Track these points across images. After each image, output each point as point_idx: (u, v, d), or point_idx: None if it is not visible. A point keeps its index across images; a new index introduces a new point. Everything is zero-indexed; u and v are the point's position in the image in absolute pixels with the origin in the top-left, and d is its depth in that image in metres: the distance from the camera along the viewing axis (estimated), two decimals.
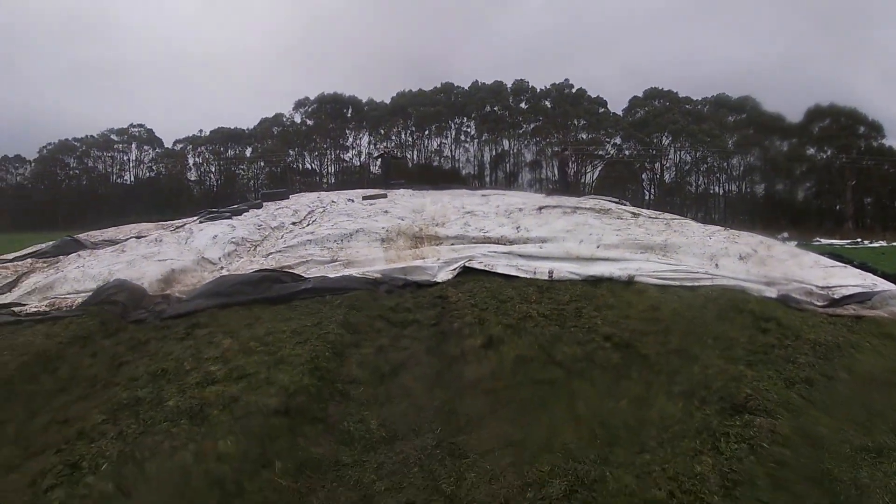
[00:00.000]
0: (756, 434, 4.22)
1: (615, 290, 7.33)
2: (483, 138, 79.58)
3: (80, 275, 9.27)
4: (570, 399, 4.87)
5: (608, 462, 4.06)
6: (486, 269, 8.53)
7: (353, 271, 8.63)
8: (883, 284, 8.12)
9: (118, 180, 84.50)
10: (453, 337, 6.01)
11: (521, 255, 8.86)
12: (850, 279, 8.20)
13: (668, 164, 75.19)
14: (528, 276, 8.11)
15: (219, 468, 3.96)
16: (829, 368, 5.32)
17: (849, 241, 43.66)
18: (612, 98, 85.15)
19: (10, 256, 13.21)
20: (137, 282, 8.38)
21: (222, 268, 9.72)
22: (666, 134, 73.55)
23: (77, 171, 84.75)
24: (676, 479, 3.85)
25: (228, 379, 5.00)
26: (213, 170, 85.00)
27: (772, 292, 7.60)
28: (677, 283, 7.73)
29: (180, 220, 16.73)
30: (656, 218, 12.45)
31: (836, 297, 7.58)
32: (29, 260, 12.42)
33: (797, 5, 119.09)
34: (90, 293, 8.27)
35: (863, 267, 9.75)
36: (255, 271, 8.47)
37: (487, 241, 10.00)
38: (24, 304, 8.46)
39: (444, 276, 8.43)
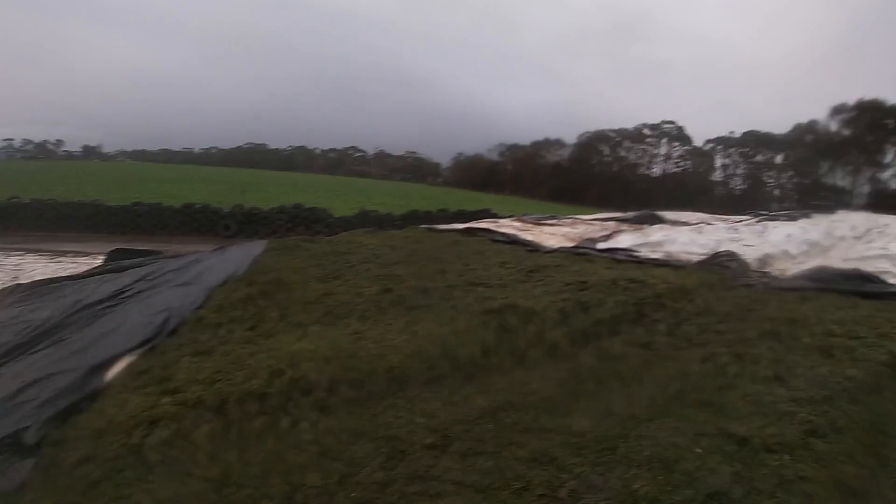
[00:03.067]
0: None
1: None
2: None
3: (687, 240, 12.47)
4: None
5: None
6: None
7: None
8: None
9: (645, 171, 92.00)
10: None
11: None
12: None
13: None
14: None
15: (847, 384, 6.13)
16: None
17: None
18: None
19: (588, 217, 17.69)
20: (741, 257, 11.10)
21: (801, 262, 11.78)
22: None
23: (609, 159, 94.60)
24: None
25: (846, 335, 7.02)
26: (740, 172, 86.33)
27: None
28: None
29: (735, 217, 19.21)
30: None
31: None
32: (612, 222, 16.40)
33: None
34: (702, 255, 11.26)
35: None
36: (851, 269, 10.40)
37: None
38: (638, 252, 11.95)
39: None
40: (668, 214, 19.25)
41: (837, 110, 74.75)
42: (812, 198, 50.37)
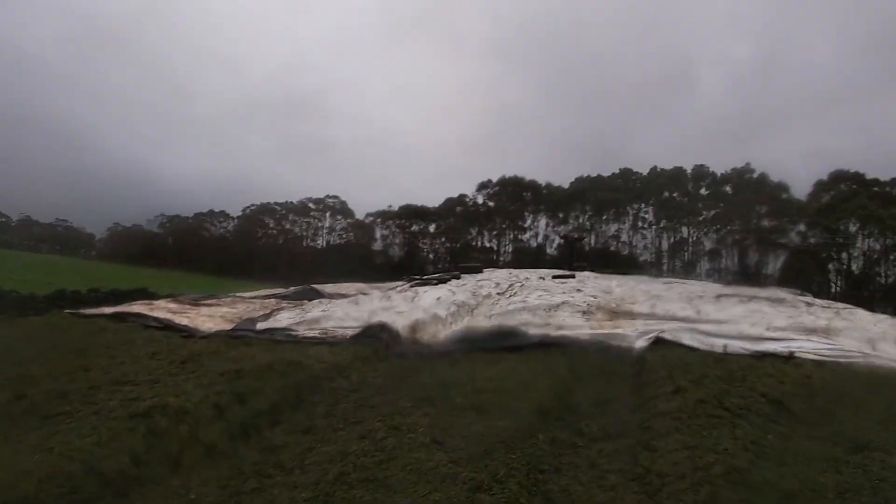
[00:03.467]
0: (869, 463, 6.13)
1: (776, 363, 9.20)
2: (661, 225, 79.91)
3: (342, 315, 12.85)
4: (733, 430, 6.91)
5: (756, 465, 6.17)
6: (674, 340, 10.68)
7: (565, 334, 11.16)
8: None
9: (310, 244, 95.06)
10: (650, 385, 8.44)
11: (701, 332, 10.93)
12: None
13: (855, 254, 69.85)
14: (706, 349, 10.17)
15: (502, 434, 6.62)
16: None
17: None
18: (796, 182, 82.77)
19: (249, 295, 17.64)
20: (392, 326, 11.55)
21: (451, 324, 12.68)
22: (853, 220, 68.84)
23: (274, 232, 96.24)
24: (805, 483, 5.88)
25: (495, 391, 7.86)
26: (398, 242, 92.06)
27: None
28: (832, 359, 9.47)
29: (390, 283, 20.27)
30: (828, 307, 13.89)
31: None
32: (272, 300, 16.46)
33: None
34: (356, 329, 11.63)
35: None
36: (494, 326, 11.38)
37: (674, 318, 12.11)
38: (296, 331, 12.14)
39: (640, 343, 10.72)
40: (328, 288, 19.68)
41: (483, 185, 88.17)
42: (462, 260, 55.44)
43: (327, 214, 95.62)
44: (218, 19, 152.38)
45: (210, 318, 13.50)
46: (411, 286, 17.25)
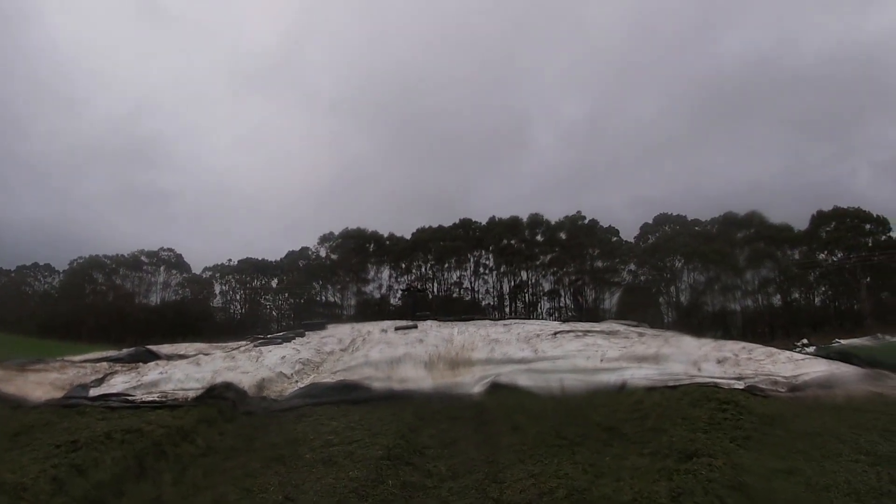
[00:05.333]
0: (698, 468, 6.52)
1: (610, 393, 9.73)
2: (501, 270, 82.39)
3: (183, 376, 12.25)
4: (572, 455, 7.23)
5: (595, 484, 6.42)
6: (510, 383, 10.98)
7: (408, 386, 11.19)
8: (843, 369, 10.54)
9: (143, 300, 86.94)
10: (490, 424, 8.64)
11: (537, 371, 11.36)
12: (817, 368, 10.65)
13: (682, 286, 76.56)
14: (543, 386, 10.53)
15: (353, 484, 6.50)
16: (766, 429, 7.68)
17: (869, 337, 44.43)
18: (624, 226, 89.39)
19: (79, 358, 16.40)
20: (238, 386, 11.13)
21: (297, 381, 12.42)
22: (678, 257, 75.57)
23: (104, 288, 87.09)
24: (640, 493, 6.16)
25: (343, 442, 7.80)
26: (239, 298, 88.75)
27: (740, 385, 9.96)
28: (662, 384, 10.12)
29: (233, 343, 19.59)
30: (658, 335, 14.84)
31: (797, 383, 9.94)
32: (104, 363, 15.38)
33: (788, 119, 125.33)
34: (198, 390, 11.10)
35: (857, 360, 12.13)
36: (338, 381, 11.27)
37: (511, 361, 12.51)
38: (133, 396, 11.36)
39: (478, 388, 10.98)
40: (165, 348, 18.74)
41: (325, 238, 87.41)
42: (306, 316, 54.67)
43: (161, 269, 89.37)
44: (62, 57, 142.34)
45: (39, 385, 12.47)
46: (255, 345, 16.75)
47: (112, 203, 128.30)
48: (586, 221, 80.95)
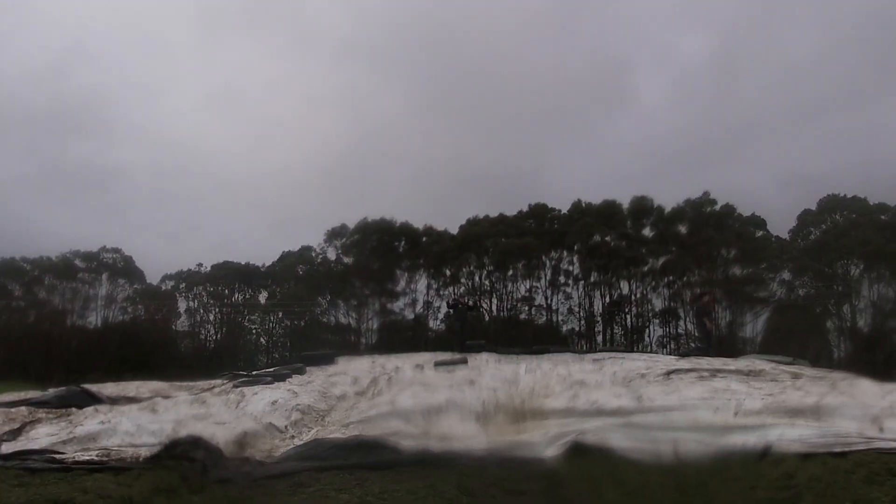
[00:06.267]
0: None
1: (747, 461, 9.64)
2: (591, 279, 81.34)
3: (132, 428, 12.45)
4: None
5: None
6: (600, 443, 10.98)
7: (451, 446, 11.25)
8: None
9: (78, 321, 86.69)
10: (569, 502, 8.56)
11: (640, 427, 11.31)
12: None
13: (861, 304, 72.91)
14: (648, 449, 10.50)
15: None
16: None
17: None
18: (775, 214, 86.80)
19: None
20: (210, 442, 11.31)
21: (293, 436, 12.59)
22: (855, 260, 72.74)
23: (22, 304, 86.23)
24: None
25: None
26: (213, 318, 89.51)
27: None
28: (825, 449, 10.00)
29: (204, 382, 19.87)
30: (821, 378, 14.62)
31: None
32: (24, 408, 15.73)
33: None
34: (154, 447, 11.31)
35: None
36: (351, 438, 11.37)
37: (602, 413, 12.50)
38: (62, 453, 11.60)
39: (553, 451, 10.97)
40: (108, 388, 19.06)
41: (335, 234, 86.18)
42: (307, 345, 54.97)
43: (103, 277, 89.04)
44: None
45: None
46: (235, 386, 17.03)
47: (32, 186, 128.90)
48: (717, 208, 79.17)
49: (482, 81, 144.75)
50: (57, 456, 11.44)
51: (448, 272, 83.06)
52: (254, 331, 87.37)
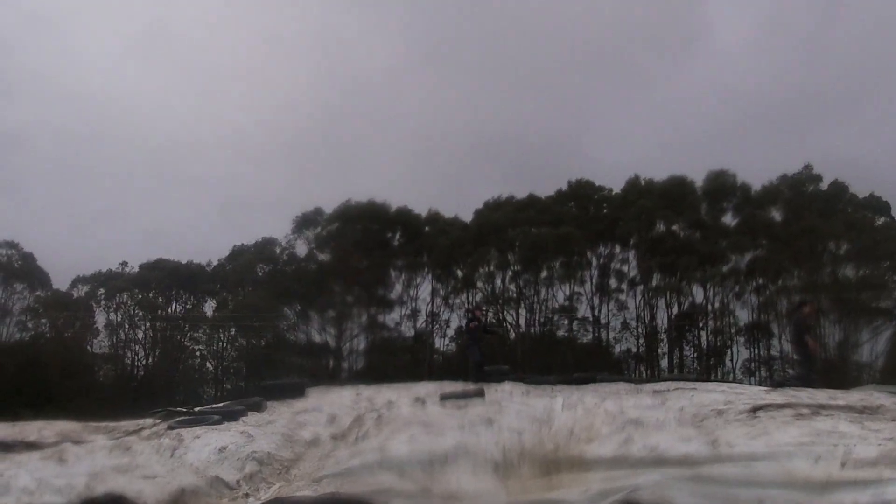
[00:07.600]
0: None
1: None
2: (652, 283, 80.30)
3: (32, 483, 12.61)
4: None
5: None
6: (659, 503, 11.03)
7: None
8: None
9: None
10: None
11: (714, 482, 11.37)
12: None
13: None
14: None
15: None
16: None
17: None
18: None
19: None
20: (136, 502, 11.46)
21: (247, 494, 12.67)
22: None
23: None
24: None
25: None
26: (142, 336, 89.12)
27: None
28: None
29: (128, 422, 19.96)
30: None
31: None
32: None
33: None
34: None
35: None
36: (326, 497, 11.43)
37: (662, 463, 12.52)
38: None
39: None
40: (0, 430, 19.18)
41: (307, 220, 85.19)
42: (269, 372, 55.17)
43: None
44: None
45: None
46: (171, 427, 17.11)
47: None
48: (822, 186, 78.51)
49: (502, 20, 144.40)
50: None
51: (459, 273, 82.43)
52: (197, 353, 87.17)
